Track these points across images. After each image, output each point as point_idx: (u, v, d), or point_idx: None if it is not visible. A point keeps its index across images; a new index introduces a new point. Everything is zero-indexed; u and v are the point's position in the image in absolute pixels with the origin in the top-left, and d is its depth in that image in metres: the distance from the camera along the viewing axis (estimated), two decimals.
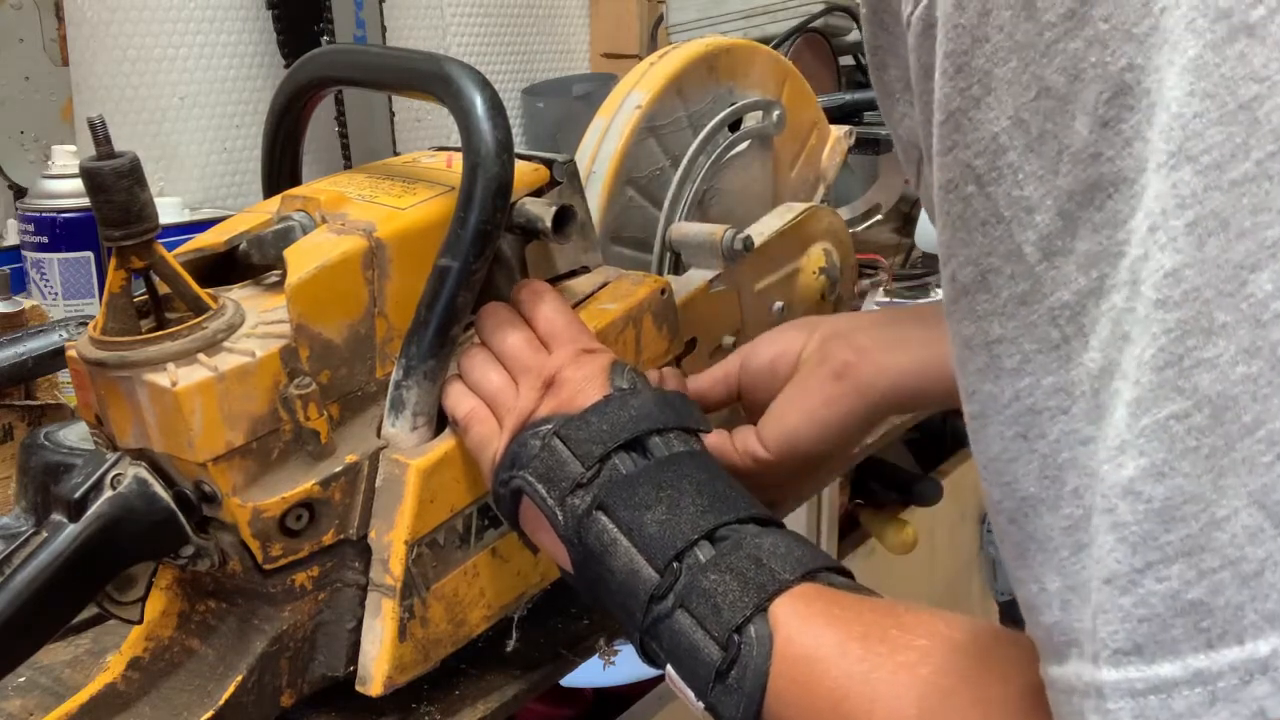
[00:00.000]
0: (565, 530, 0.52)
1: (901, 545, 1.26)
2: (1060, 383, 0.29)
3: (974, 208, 0.30)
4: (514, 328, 0.61)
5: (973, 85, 0.29)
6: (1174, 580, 0.26)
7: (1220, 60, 0.26)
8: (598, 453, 0.52)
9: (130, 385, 0.53)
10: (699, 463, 0.53)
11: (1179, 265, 0.26)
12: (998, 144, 0.29)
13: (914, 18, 0.31)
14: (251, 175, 1.33)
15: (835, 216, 0.93)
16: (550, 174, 0.68)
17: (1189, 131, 0.26)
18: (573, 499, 0.51)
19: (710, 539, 0.48)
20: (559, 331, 0.60)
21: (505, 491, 0.55)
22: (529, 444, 0.54)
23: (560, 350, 0.58)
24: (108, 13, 1.20)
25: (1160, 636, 0.26)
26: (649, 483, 0.51)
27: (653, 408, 0.54)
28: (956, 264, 0.31)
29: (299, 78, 0.70)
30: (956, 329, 0.32)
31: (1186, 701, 0.26)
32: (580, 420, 0.53)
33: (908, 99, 0.36)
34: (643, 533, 0.49)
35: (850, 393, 0.63)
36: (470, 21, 1.61)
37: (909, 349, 0.65)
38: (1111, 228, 0.27)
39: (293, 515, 0.55)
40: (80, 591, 0.53)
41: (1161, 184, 0.26)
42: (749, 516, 0.49)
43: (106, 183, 0.50)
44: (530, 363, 0.58)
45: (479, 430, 0.58)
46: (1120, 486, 0.27)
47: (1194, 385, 0.26)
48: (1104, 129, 0.27)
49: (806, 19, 1.46)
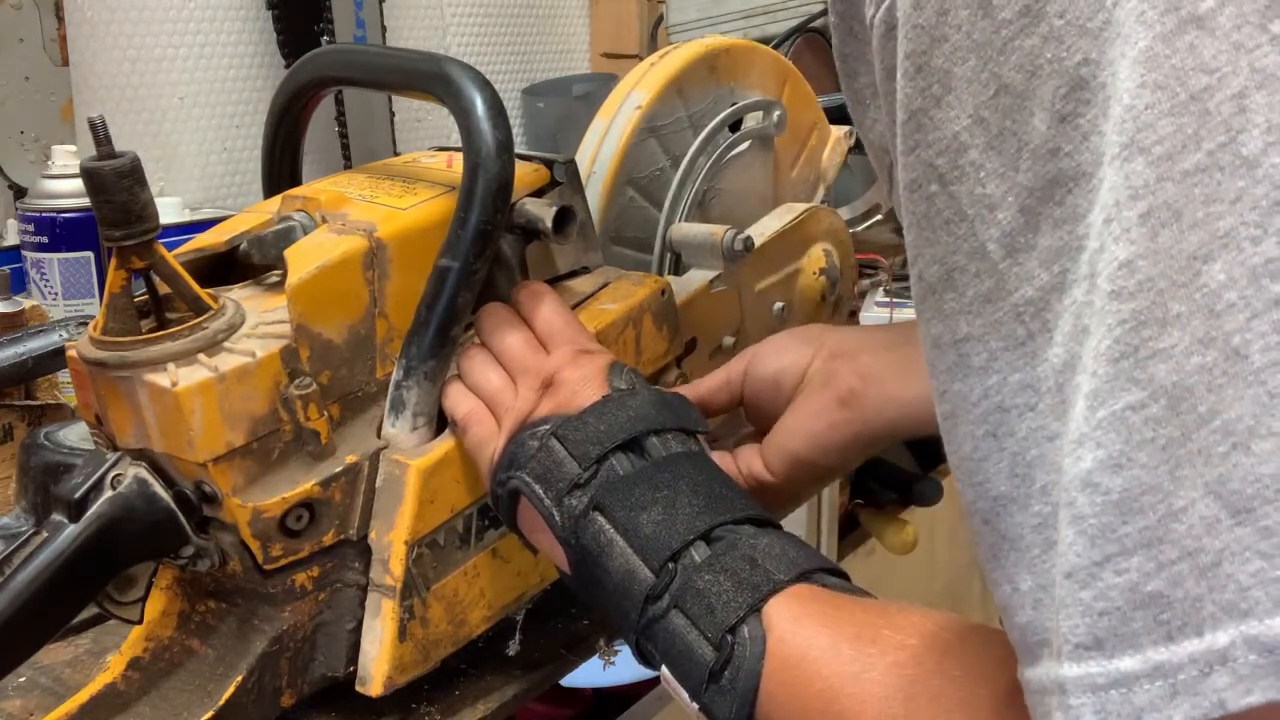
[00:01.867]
0: (562, 531, 0.51)
1: (901, 545, 1.26)
2: (1027, 379, 0.29)
3: (937, 206, 0.30)
4: (513, 328, 0.61)
5: (933, 85, 0.29)
6: (1133, 573, 0.26)
7: (1170, 52, 0.26)
8: (595, 453, 0.52)
9: (130, 385, 0.53)
10: (696, 463, 0.52)
11: (1133, 256, 0.26)
12: (959, 142, 0.29)
13: (876, 19, 0.31)
14: (251, 175, 1.33)
15: (835, 217, 0.93)
16: (550, 174, 0.68)
17: (1140, 123, 0.26)
18: (570, 500, 0.51)
19: (706, 539, 0.48)
20: (557, 332, 0.60)
21: (503, 492, 0.55)
22: (526, 444, 0.54)
23: (559, 351, 0.58)
24: (108, 13, 1.20)
25: (1120, 630, 0.26)
26: (646, 483, 0.50)
27: (650, 409, 0.54)
28: (923, 263, 0.31)
29: (299, 78, 0.70)
30: (926, 328, 0.32)
31: (1148, 695, 0.26)
32: (578, 421, 0.53)
33: (877, 104, 0.36)
34: (639, 533, 0.49)
35: (855, 420, 0.63)
36: (470, 21, 1.61)
37: (917, 377, 0.63)
38: (1072, 222, 0.27)
39: (293, 515, 0.55)
40: (80, 591, 0.53)
41: (1115, 175, 0.26)
42: (745, 517, 0.49)
43: (107, 183, 0.50)
44: (529, 363, 0.58)
45: (477, 431, 0.58)
46: (1079, 479, 0.27)
47: (1150, 376, 0.26)
48: (1062, 124, 0.27)
49: (806, 19, 1.46)
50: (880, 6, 0.31)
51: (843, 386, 0.63)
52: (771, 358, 0.67)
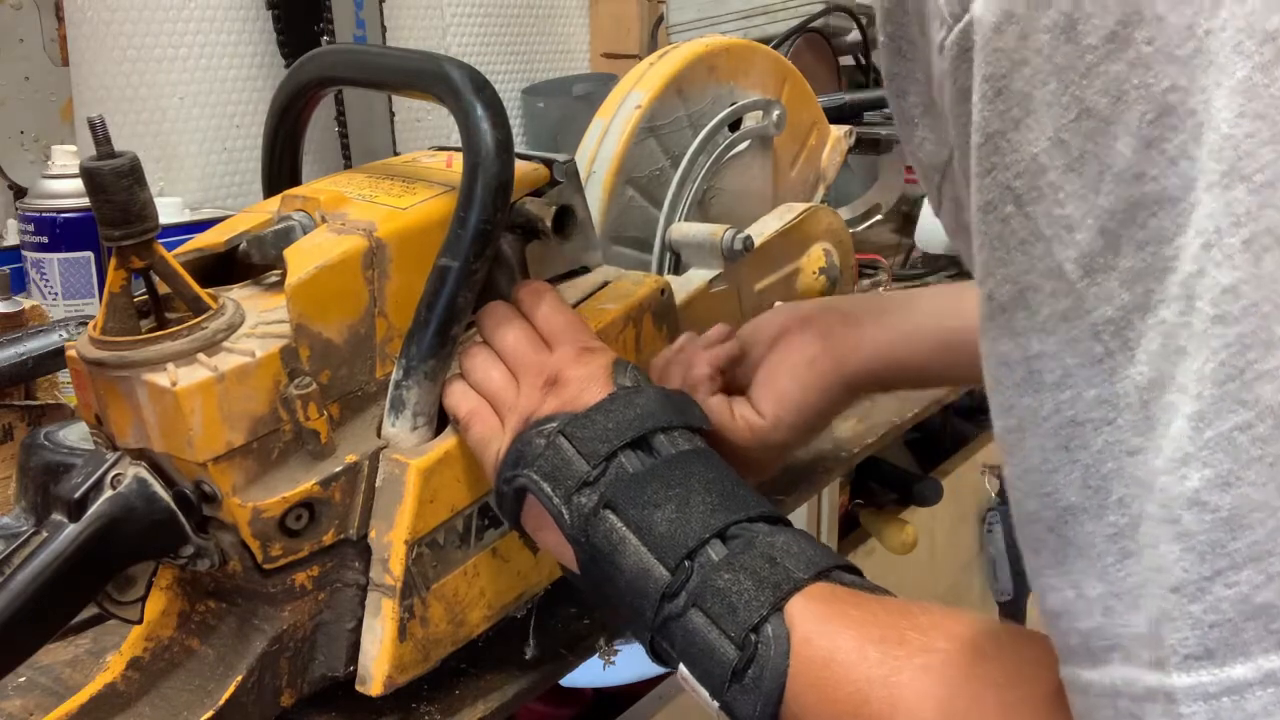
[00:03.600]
0: (571, 529, 0.51)
1: (901, 545, 1.26)
2: (1104, 395, 0.29)
3: (1012, 227, 0.30)
4: (515, 326, 0.61)
5: (1012, 108, 0.30)
6: (1243, 585, 0.27)
7: (1269, 81, 0.26)
8: (604, 451, 0.52)
9: (130, 385, 0.53)
10: (706, 461, 0.52)
11: (1236, 281, 0.27)
12: (1037, 164, 0.29)
13: (948, 43, 0.31)
14: (251, 175, 1.33)
15: (835, 216, 0.93)
16: (550, 174, 0.68)
17: (1241, 151, 0.27)
18: (579, 497, 0.51)
19: (721, 537, 0.48)
20: (560, 330, 0.60)
21: (509, 490, 0.55)
22: (533, 442, 0.54)
23: (562, 349, 0.58)
24: (108, 13, 1.20)
25: (1231, 640, 0.27)
26: (657, 481, 0.50)
27: (656, 406, 0.54)
28: (994, 283, 0.31)
29: (299, 78, 0.70)
30: (991, 346, 0.32)
31: (1260, 701, 0.27)
32: (585, 418, 0.53)
33: (927, 123, 0.37)
34: (653, 531, 0.49)
35: (833, 354, 0.66)
36: (470, 21, 1.61)
37: (893, 322, 0.67)
38: (1156, 244, 0.28)
39: (293, 515, 0.55)
40: (80, 591, 0.53)
41: (1214, 202, 0.27)
42: (759, 515, 0.49)
43: (106, 183, 0.50)
44: (532, 361, 0.58)
45: (480, 429, 0.58)
46: (1185, 498, 0.28)
47: (1256, 397, 0.27)
48: (1148, 149, 0.28)
49: (806, 19, 1.46)
50: (953, 30, 0.31)
51: (822, 324, 0.67)
52: (754, 322, 0.71)
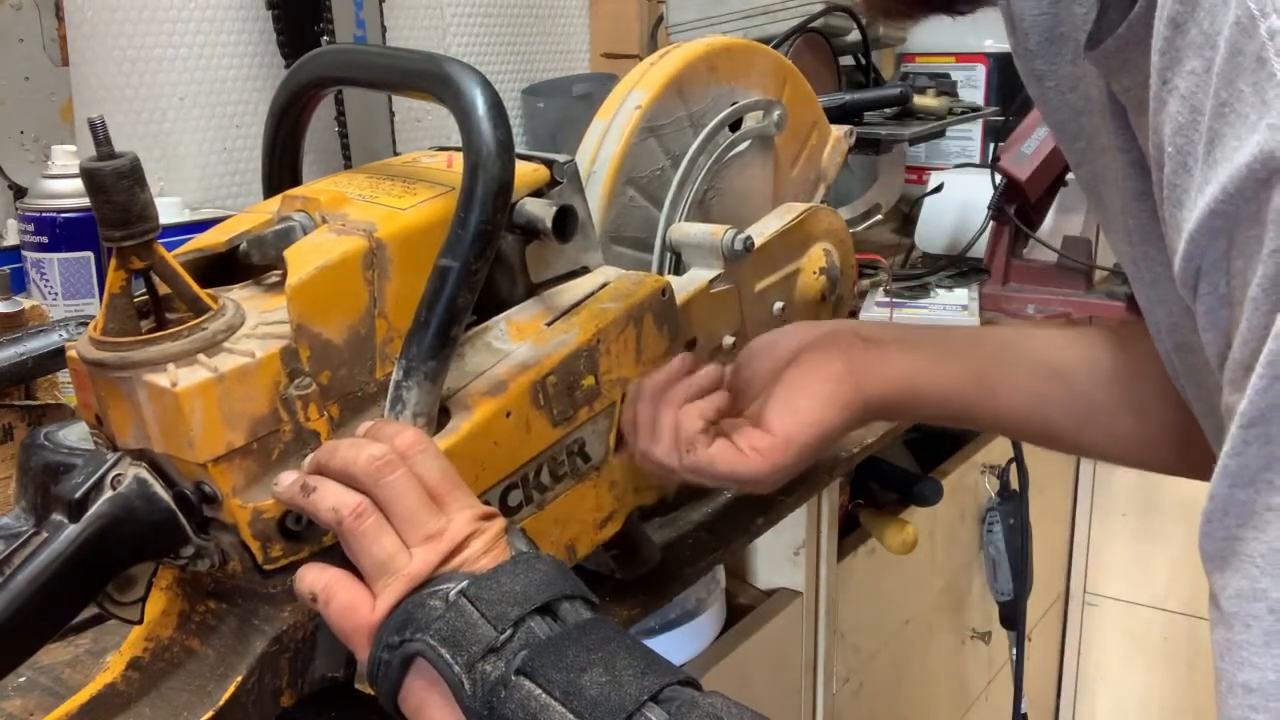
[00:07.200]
0: (472, 700, 0.47)
1: (901, 545, 1.26)
2: None
3: None
4: (408, 488, 0.53)
5: None
6: None
7: None
8: (513, 615, 0.48)
9: (130, 385, 0.53)
10: (614, 628, 0.50)
11: None
12: None
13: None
14: (251, 175, 1.33)
15: (835, 216, 0.93)
16: (550, 174, 0.68)
17: None
18: (484, 665, 0.47)
19: (656, 700, 0.46)
20: (450, 490, 0.54)
21: (392, 658, 0.49)
22: (427, 604, 0.49)
23: (460, 512, 0.53)
24: (108, 13, 1.20)
25: None
26: (576, 645, 0.48)
27: (557, 574, 0.51)
28: None
29: (299, 78, 0.70)
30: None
31: None
32: (490, 580, 0.49)
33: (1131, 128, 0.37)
34: (583, 696, 0.46)
35: (857, 375, 0.65)
36: (470, 21, 1.61)
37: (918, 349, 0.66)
38: None
39: (293, 516, 0.55)
40: (80, 591, 0.53)
41: None
42: (685, 679, 0.48)
43: (106, 183, 0.50)
44: (428, 524, 0.52)
45: (346, 595, 0.52)
46: None
47: None
48: None
49: (806, 19, 1.46)
50: None
51: (844, 343, 0.66)
52: (765, 338, 0.70)
